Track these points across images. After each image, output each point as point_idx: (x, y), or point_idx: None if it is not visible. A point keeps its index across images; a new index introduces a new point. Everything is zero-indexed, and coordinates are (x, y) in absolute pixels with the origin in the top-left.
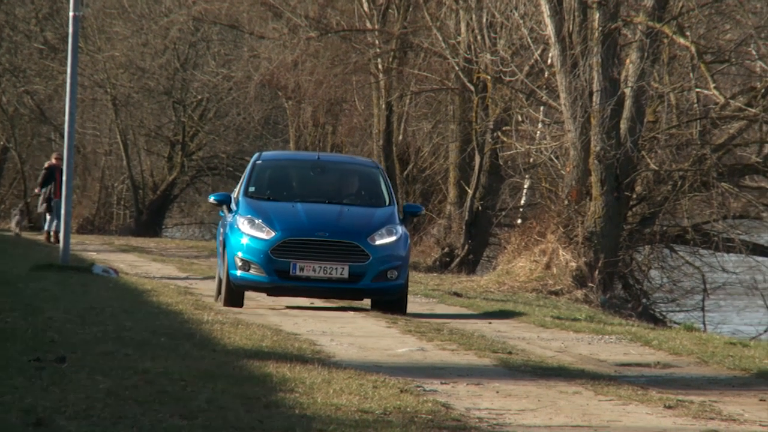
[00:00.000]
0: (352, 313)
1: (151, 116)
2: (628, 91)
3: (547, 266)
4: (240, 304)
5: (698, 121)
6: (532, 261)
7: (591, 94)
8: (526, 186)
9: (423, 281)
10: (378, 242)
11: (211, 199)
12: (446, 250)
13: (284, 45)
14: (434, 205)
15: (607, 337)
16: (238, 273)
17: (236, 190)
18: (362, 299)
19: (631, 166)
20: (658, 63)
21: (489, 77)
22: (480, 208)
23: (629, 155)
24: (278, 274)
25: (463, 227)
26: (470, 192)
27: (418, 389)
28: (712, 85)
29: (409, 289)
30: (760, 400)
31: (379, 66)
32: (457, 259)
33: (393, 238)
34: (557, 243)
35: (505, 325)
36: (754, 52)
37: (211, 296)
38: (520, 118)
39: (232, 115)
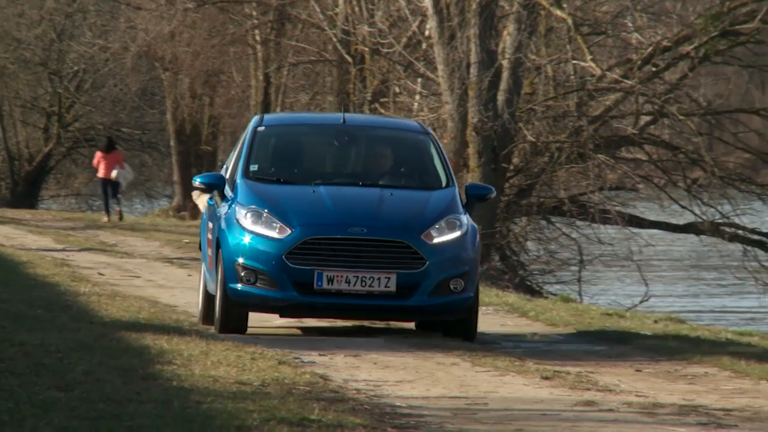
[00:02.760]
0: None
1: (27, 87)
2: (505, 63)
3: None
4: (242, 329)
5: (575, 93)
6: None
7: (468, 65)
8: None
9: None
10: (437, 240)
11: (197, 182)
12: None
13: (161, 16)
14: None
15: (484, 308)
16: (240, 286)
17: (228, 167)
18: (415, 320)
19: (509, 138)
20: (535, 35)
21: (367, 49)
22: None
23: (506, 127)
24: (297, 288)
25: None
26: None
27: (296, 361)
28: (588, 57)
29: None
30: (636, 370)
31: (257, 37)
32: None
33: (457, 234)
34: None
35: None
36: (630, 24)
37: (89, 269)
38: (397, 90)
39: (108, 87)
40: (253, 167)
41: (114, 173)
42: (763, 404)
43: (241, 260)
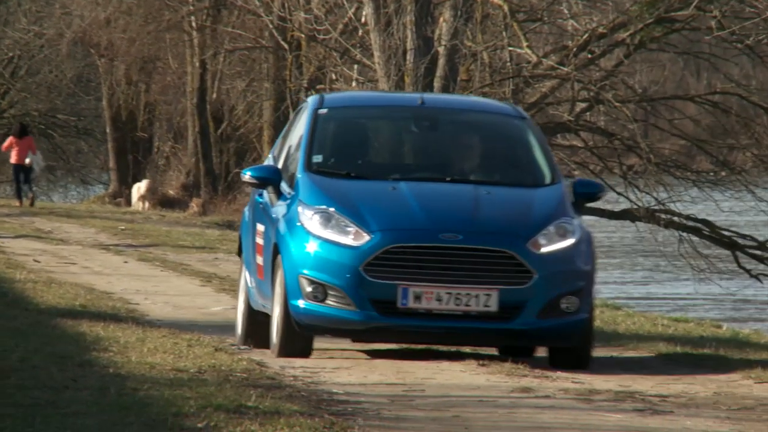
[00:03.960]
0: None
1: None
2: (441, 49)
3: None
4: (306, 353)
5: (511, 79)
6: None
7: (405, 52)
8: None
9: (237, 240)
10: (545, 249)
11: (247, 175)
12: None
13: (97, 2)
14: (248, 164)
15: None
16: (304, 304)
17: (277, 158)
18: (521, 345)
19: None
20: (471, 22)
21: (303, 35)
22: None
23: None
24: (377, 307)
25: None
26: None
27: (233, 348)
28: (524, 44)
29: (223, 247)
30: None
31: (193, 24)
32: None
33: (569, 242)
34: None
35: None
36: (566, 11)
37: (25, 256)
38: (334, 77)
39: (44, 73)
40: (317, 158)
41: (28, 159)
42: (699, 390)
43: (306, 272)
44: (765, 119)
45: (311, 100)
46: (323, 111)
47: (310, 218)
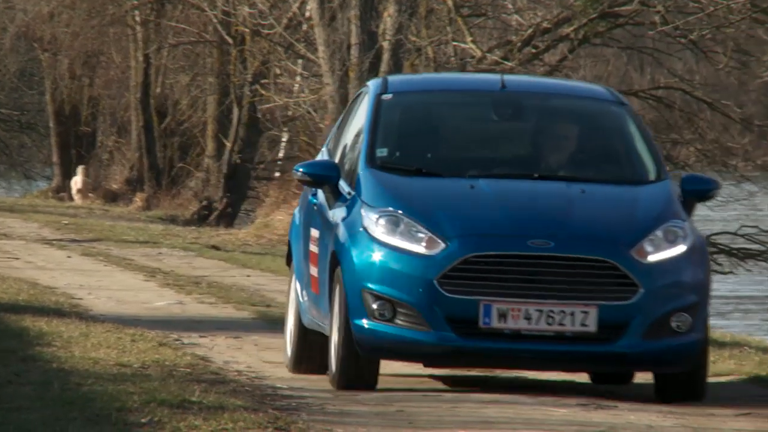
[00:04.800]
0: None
1: None
2: (386, 44)
3: None
4: (372, 384)
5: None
6: (290, 214)
7: (349, 47)
8: (284, 139)
9: (181, 234)
10: (653, 258)
11: (299, 172)
12: (204, 203)
13: None
14: (192, 159)
15: None
16: (369, 323)
17: (336, 151)
18: (623, 370)
19: None
20: (415, 16)
21: (247, 30)
22: (238, 161)
23: None
24: (455, 327)
25: (222, 180)
26: (228, 145)
27: (177, 342)
28: (469, 39)
29: (167, 242)
30: None
31: (137, 18)
32: (216, 213)
33: (681, 249)
34: None
35: (264, 278)
36: (510, 6)
37: None
38: (278, 71)
39: None
40: (381, 152)
41: None
42: (641, 384)
43: (371, 286)
44: (708, 114)
45: (373, 84)
46: (387, 96)
47: (374, 222)
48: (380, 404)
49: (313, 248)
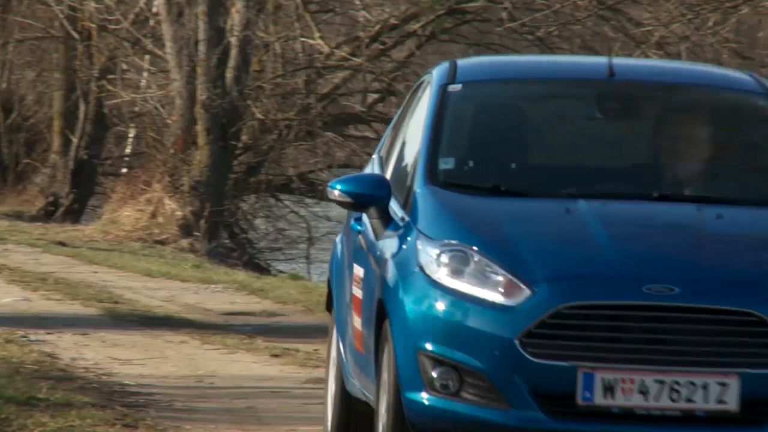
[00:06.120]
0: None
1: None
2: (233, 40)
3: (153, 215)
4: None
5: (303, 70)
6: (137, 210)
7: (197, 43)
8: (131, 135)
9: (27, 230)
10: None
11: (336, 191)
12: (51, 199)
13: None
14: (39, 155)
15: (213, 286)
16: (427, 398)
17: (388, 161)
18: None
19: (237, 115)
20: (263, 12)
21: (94, 25)
22: (85, 157)
23: (235, 104)
24: (543, 404)
25: (68, 176)
26: (75, 141)
27: (24, 339)
28: (317, 35)
29: (12, 238)
30: None
31: None
32: (62, 209)
33: None
34: (163, 192)
35: (111, 275)
36: (358, 2)
37: None
38: (125, 67)
39: None
40: (446, 163)
41: None
42: None
43: (430, 347)
44: None
45: (437, 71)
46: (455, 88)
47: (434, 260)
48: (229, 400)
49: (357, 291)
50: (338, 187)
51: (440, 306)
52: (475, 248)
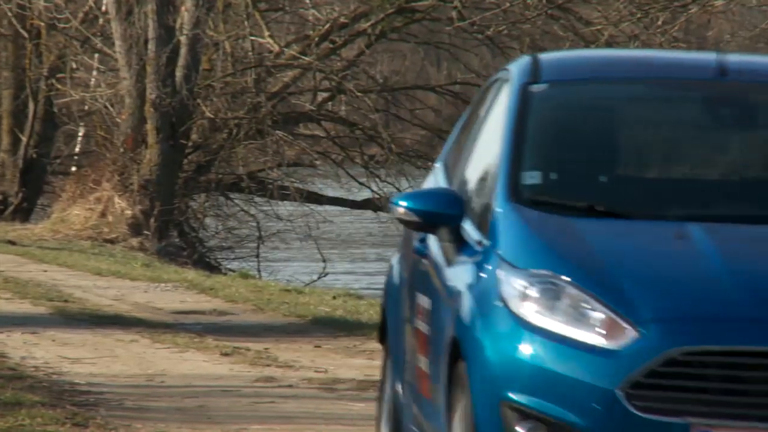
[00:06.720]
0: None
1: None
2: (183, 39)
3: (103, 214)
4: None
5: (253, 69)
6: (87, 209)
7: (146, 41)
8: (81, 134)
9: None
10: None
11: (402, 208)
12: (0, 198)
13: None
14: None
15: (163, 285)
16: None
17: (455, 172)
18: None
19: (187, 114)
20: (213, 11)
21: (43, 24)
22: (34, 155)
23: (185, 103)
24: None
25: (18, 175)
26: (24, 140)
27: None
28: (266, 34)
29: None
30: (315, 346)
31: None
32: (11, 208)
33: None
34: (113, 191)
35: (60, 273)
36: (307, 1)
37: None
38: (74, 66)
39: None
40: (531, 177)
41: None
42: None
43: (516, 398)
44: None
45: (517, 67)
46: (540, 88)
47: (521, 293)
48: (179, 399)
49: (422, 326)
50: (404, 203)
51: (527, 348)
52: (568, 279)
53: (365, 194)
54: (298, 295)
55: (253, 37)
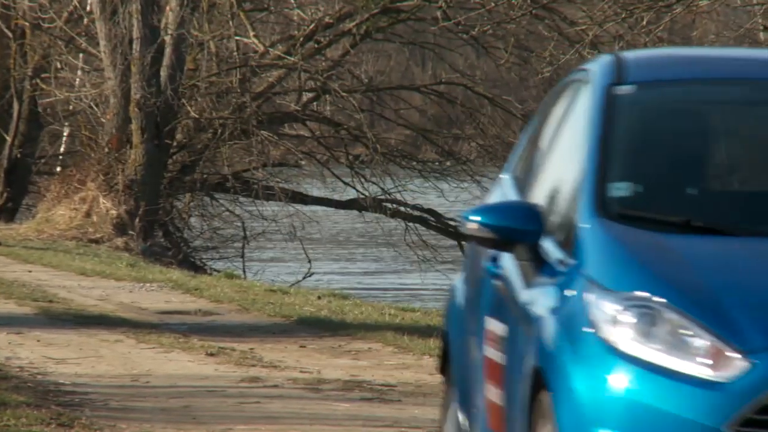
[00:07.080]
0: None
1: None
2: (168, 38)
3: (88, 214)
4: None
5: (238, 69)
6: (72, 209)
7: (131, 41)
8: (66, 134)
9: None
10: None
11: (475, 224)
12: None
13: None
14: None
15: (148, 285)
16: None
17: (527, 183)
18: None
19: (172, 114)
20: (198, 11)
21: (27, 23)
22: (19, 156)
23: (170, 103)
24: None
25: (2, 175)
26: (9, 140)
27: None
28: (251, 33)
29: None
30: (300, 346)
31: None
32: None
33: None
34: (98, 191)
35: (45, 274)
36: (292, 1)
37: None
38: (59, 66)
39: None
40: (619, 189)
41: None
42: (425, 378)
43: None
44: (489, 109)
45: (599, 68)
46: (626, 90)
47: (613, 318)
48: (165, 399)
49: (494, 355)
50: (477, 218)
51: (621, 381)
52: (667, 302)
53: (350, 194)
54: (283, 295)
55: (237, 37)
